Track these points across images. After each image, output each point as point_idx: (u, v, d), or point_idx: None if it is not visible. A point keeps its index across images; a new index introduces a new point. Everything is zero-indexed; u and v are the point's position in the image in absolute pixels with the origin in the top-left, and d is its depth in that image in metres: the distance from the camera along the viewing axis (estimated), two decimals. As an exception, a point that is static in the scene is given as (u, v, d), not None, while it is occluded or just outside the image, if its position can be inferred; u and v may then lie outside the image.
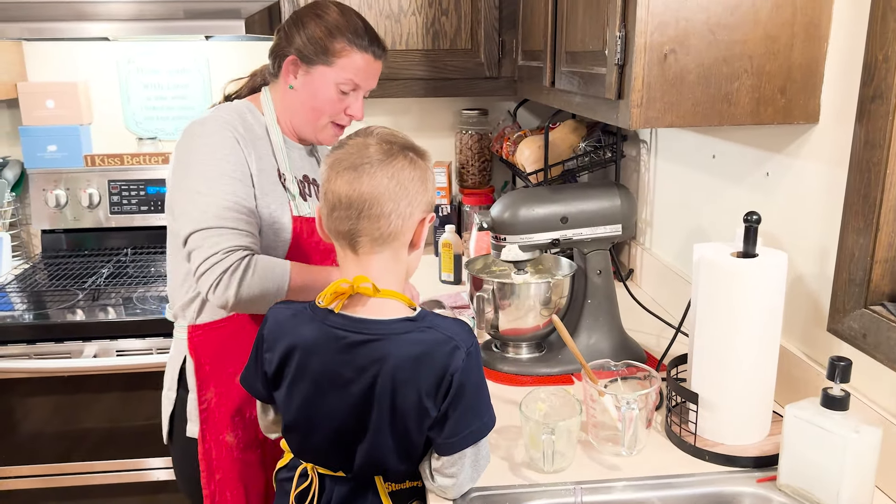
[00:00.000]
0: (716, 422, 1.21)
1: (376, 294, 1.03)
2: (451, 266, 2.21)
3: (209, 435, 1.46)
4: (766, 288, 1.16)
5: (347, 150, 1.04)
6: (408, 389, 1.01)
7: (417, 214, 1.05)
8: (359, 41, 1.43)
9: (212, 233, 1.29)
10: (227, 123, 1.38)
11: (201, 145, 1.35)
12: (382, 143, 1.04)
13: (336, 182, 1.02)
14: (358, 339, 1.03)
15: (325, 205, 1.04)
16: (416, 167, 1.04)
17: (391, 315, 1.05)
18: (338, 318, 1.05)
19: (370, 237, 1.02)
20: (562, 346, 1.54)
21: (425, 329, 1.04)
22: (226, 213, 1.31)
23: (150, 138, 2.54)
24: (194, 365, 1.45)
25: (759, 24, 1.16)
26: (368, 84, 1.50)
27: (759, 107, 1.20)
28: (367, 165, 1.01)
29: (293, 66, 1.45)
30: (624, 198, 1.52)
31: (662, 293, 1.92)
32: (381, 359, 1.02)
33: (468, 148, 2.56)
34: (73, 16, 2.04)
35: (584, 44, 1.42)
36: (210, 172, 1.32)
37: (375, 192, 1.00)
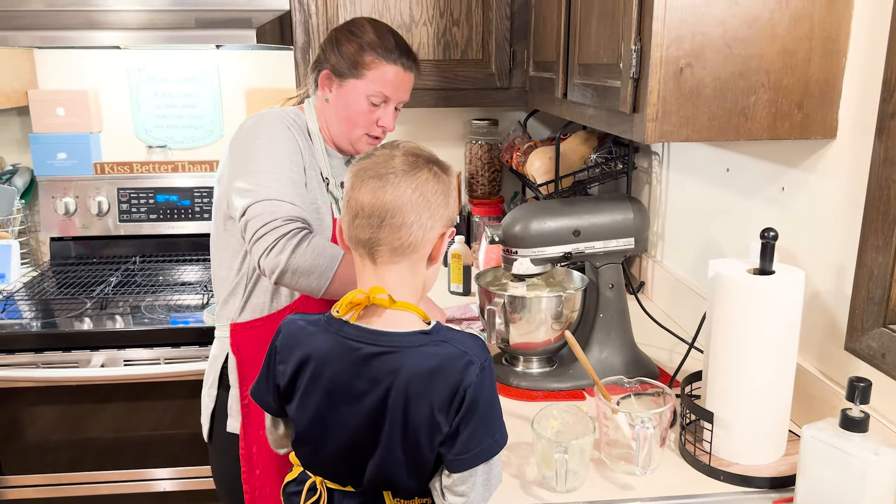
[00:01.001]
0: (731, 441, 1.19)
1: (392, 305, 1.03)
2: (460, 277, 2.19)
3: (250, 430, 1.52)
4: (783, 306, 1.14)
5: (373, 160, 1.05)
6: (420, 403, 1.00)
7: (438, 228, 1.04)
8: (387, 54, 1.50)
9: (272, 204, 1.34)
10: (287, 120, 1.48)
11: (261, 134, 1.43)
12: (408, 155, 1.05)
13: (360, 190, 1.02)
14: (372, 351, 1.02)
15: (348, 212, 1.05)
16: (439, 181, 1.04)
17: (406, 328, 1.04)
18: (352, 329, 1.04)
19: (390, 247, 1.02)
20: (573, 361, 1.53)
21: (440, 343, 1.03)
22: (286, 188, 1.37)
23: (160, 146, 2.54)
24: (236, 361, 1.52)
25: (776, 38, 1.15)
26: (399, 96, 1.54)
27: (776, 121, 1.19)
28: (392, 175, 1.01)
29: (328, 80, 1.53)
30: (637, 211, 1.51)
31: (674, 306, 1.91)
32: (395, 371, 1.01)
33: (478, 158, 2.55)
34: (84, 24, 2.04)
35: (597, 56, 1.41)
36: (271, 154, 1.40)
37: (398, 202, 1.00)
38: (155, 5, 2.04)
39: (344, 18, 2.11)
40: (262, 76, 2.53)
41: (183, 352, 1.98)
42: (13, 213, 2.42)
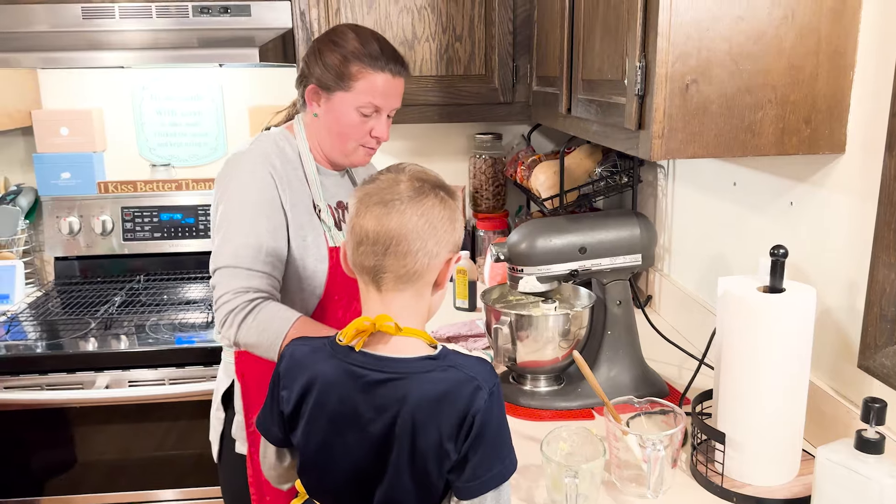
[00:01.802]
0: (743, 461, 1.18)
1: (398, 332, 1.01)
2: (465, 293, 2.18)
3: (258, 457, 1.46)
4: (794, 324, 1.12)
5: (378, 185, 1.03)
6: (429, 430, 0.99)
7: (444, 254, 1.02)
8: (374, 62, 1.43)
9: (228, 272, 1.34)
10: (265, 159, 1.42)
11: (236, 180, 1.40)
12: (414, 180, 1.02)
13: (364, 217, 1.00)
14: (378, 378, 1.01)
15: (352, 239, 1.03)
16: (445, 206, 1.02)
17: (412, 353, 1.03)
18: (358, 355, 1.03)
19: (395, 274, 1.00)
20: (582, 379, 1.51)
21: (447, 368, 1.01)
22: (245, 252, 1.34)
23: (164, 165, 2.53)
24: (241, 389, 1.49)
25: (782, 53, 1.14)
26: (389, 104, 1.48)
27: (784, 137, 1.17)
28: (398, 202, 0.99)
29: (314, 94, 1.47)
30: (643, 227, 1.49)
31: (683, 321, 1.89)
32: (402, 398, 0.99)
33: (482, 172, 2.55)
34: (88, 45, 2.04)
35: (601, 72, 1.40)
36: (239, 210, 1.37)
37: (404, 230, 0.98)
38: (158, 25, 2.05)
39: (346, 36, 2.10)
40: (266, 93, 2.53)
41: (187, 372, 1.97)
42: (17, 234, 2.42)
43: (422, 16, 2.12)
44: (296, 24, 2.08)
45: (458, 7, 2.13)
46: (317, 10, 2.07)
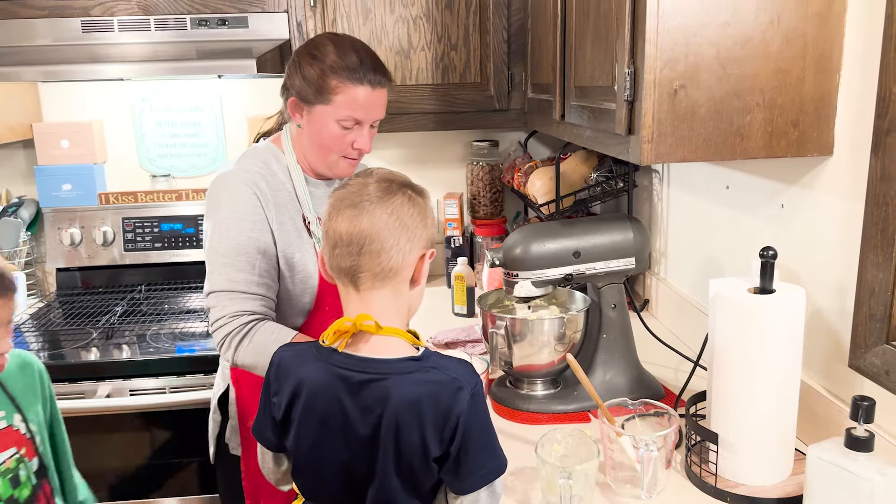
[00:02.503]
0: (737, 461, 1.19)
1: (379, 331, 1.03)
2: (463, 299, 2.19)
3: (252, 460, 1.51)
4: (784, 324, 1.14)
5: (348, 189, 1.06)
6: (411, 431, 1.01)
7: (417, 251, 1.06)
8: (352, 75, 1.40)
9: (223, 296, 1.37)
10: (249, 180, 1.42)
11: (223, 204, 1.41)
12: (382, 181, 1.06)
13: (337, 220, 1.04)
14: (362, 379, 1.03)
15: (327, 243, 1.06)
16: (414, 204, 1.06)
17: (395, 354, 1.05)
18: (342, 357, 1.05)
19: (371, 272, 1.03)
20: (577, 382, 1.52)
21: (429, 369, 1.03)
22: (238, 276, 1.37)
23: (164, 176, 2.56)
24: (235, 393, 1.52)
25: (769, 57, 1.16)
26: (371, 115, 1.46)
27: (772, 140, 1.19)
28: (367, 203, 1.03)
29: (296, 107, 1.47)
30: (637, 231, 1.51)
31: (679, 324, 1.90)
32: (385, 399, 1.01)
33: (479, 179, 2.56)
34: (88, 58, 2.07)
35: (592, 79, 1.42)
36: (228, 234, 1.38)
37: (375, 228, 1.02)
38: (157, 38, 2.07)
39: (343, 46, 2.13)
40: (264, 103, 2.55)
41: (188, 380, 1.98)
42: (19, 245, 2.44)
43: (417, 25, 2.15)
44: (293, 34, 2.10)
45: (454, 16, 2.16)
46: (313, 20, 2.10)
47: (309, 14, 2.09)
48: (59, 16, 2.05)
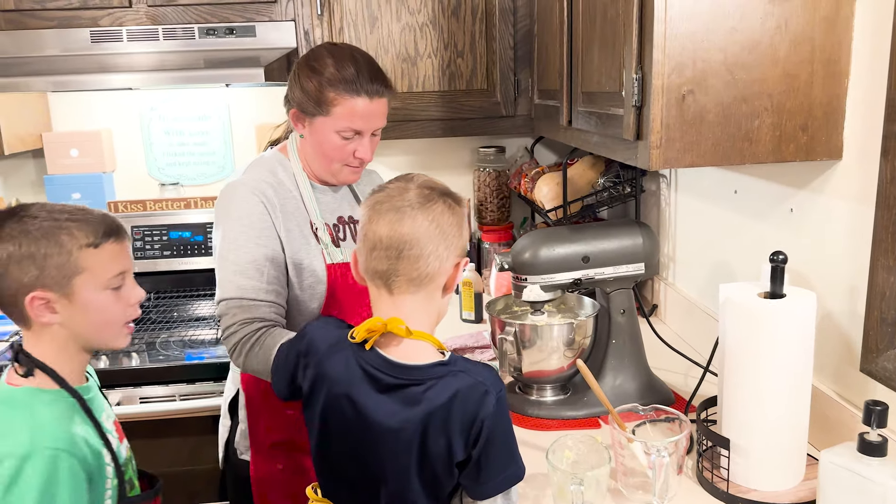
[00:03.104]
0: (748, 467, 1.18)
1: (409, 336, 1.04)
2: (471, 304, 2.19)
3: (261, 464, 1.54)
4: (795, 329, 1.13)
5: (388, 193, 1.07)
6: (438, 434, 1.02)
7: (453, 258, 1.07)
8: (350, 87, 1.41)
9: (233, 304, 1.39)
10: (256, 189, 1.43)
11: (231, 213, 1.42)
12: (423, 188, 1.07)
13: (378, 223, 1.04)
14: (392, 383, 1.04)
15: (365, 245, 1.06)
16: (454, 212, 1.07)
17: (424, 359, 1.06)
18: (371, 354, 1.06)
19: (407, 277, 1.04)
20: (588, 388, 1.51)
21: (457, 373, 1.05)
22: (247, 283, 1.39)
23: (173, 184, 2.57)
24: (245, 398, 1.54)
25: (777, 62, 1.16)
26: (370, 125, 1.46)
27: (781, 144, 1.19)
28: (409, 208, 1.03)
29: (297, 118, 1.48)
30: (646, 236, 1.51)
31: (688, 329, 1.90)
32: (416, 403, 1.03)
33: (486, 185, 2.57)
34: (97, 68, 2.08)
35: (600, 84, 1.42)
36: (236, 242, 1.40)
37: (416, 234, 1.02)
38: (165, 47, 2.08)
39: (350, 54, 2.14)
40: (272, 112, 2.56)
41: (198, 388, 1.99)
42: (29, 254, 2.45)
43: (424, 33, 2.16)
44: (300, 43, 2.11)
45: (460, 24, 2.17)
46: (320, 29, 2.11)
47: (316, 22, 2.10)
48: (69, 26, 2.07)
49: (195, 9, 2.08)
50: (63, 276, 1.06)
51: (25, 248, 1.04)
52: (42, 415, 1.05)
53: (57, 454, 1.01)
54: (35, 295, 1.05)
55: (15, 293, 1.05)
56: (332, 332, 1.12)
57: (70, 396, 1.10)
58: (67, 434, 1.05)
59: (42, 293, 1.05)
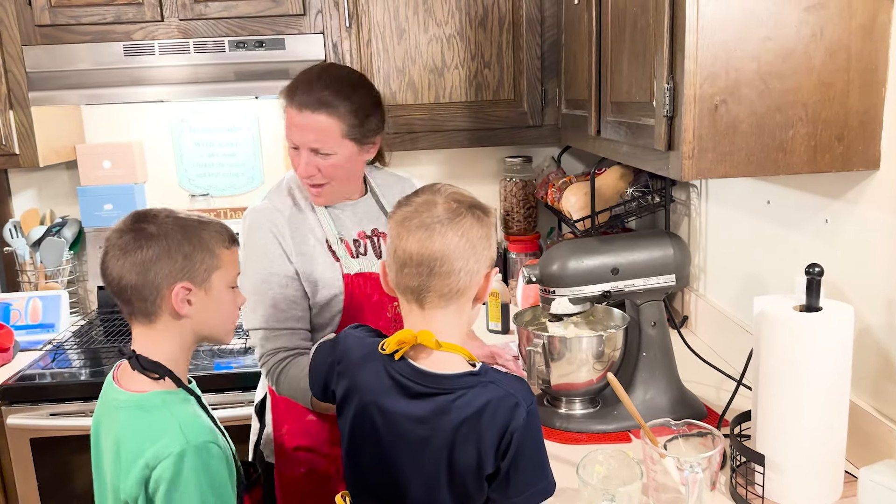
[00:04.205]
0: (784, 483, 1.16)
1: (438, 348, 1.04)
2: (498, 315, 2.18)
3: (285, 468, 1.56)
4: (832, 343, 1.11)
5: (415, 207, 1.05)
6: (468, 445, 1.02)
7: (483, 270, 1.06)
8: (287, 96, 1.42)
9: (260, 335, 1.48)
10: (267, 218, 1.48)
11: (245, 244, 1.49)
12: (450, 201, 1.06)
13: (407, 240, 1.03)
14: (421, 391, 1.04)
15: (395, 262, 1.05)
16: (483, 224, 1.06)
17: (454, 369, 1.05)
18: (402, 364, 1.05)
19: (438, 293, 1.03)
20: (617, 401, 1.50)
21: (487, 384, 1.04)
22: (268, 312, 1.46)
23: (203, 195, 2.60)
24: (271, 402, 1.57)
25: (812, 71, 1.14)
26: (301, 139, 1.41)
27: (816, 155, 1.17)
28: (438, 224, 1.02)
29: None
30: (677, 247, 1.49)
31: (720, 342, 1.87)
32: (443, 413, 1.02)
33: (512, 195, 2.56)
34: (129, 81, 2.12)
35: (630, 94, 1.41)
36: (251, 272, 1.46)
37: (446, 251, 1.01)
38: (196, 60, 2.11)
39: (377, 66, 2.15)
40: (299, 123, 2.58)
41: (226, 397, 2.00)
42: (62, 264, 2.49)
43: (451, 44, 2.16)
44: (328, 55, 2.13)
45: (487, 34, 2.17)
46: (349, 41, 2.12)
47: (344, 35, 2.12)
48: (103, 40, 2.11)
49: (226, 22, 2.10)
50: (205, 269, 1.15)
51: (174, 243, 1.13)
52: (182, 413, 1.12)
53: (207, 446, 1.08)
54: (183, 285, 1.13)
55: (159, 285, 1.12)
56: (366, 342, 1.13)
57: (189, 395, 1.17)
58: (208, 427, 1.12)
59: (188, 284, 1.13)
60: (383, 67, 2.16)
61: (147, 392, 1.13)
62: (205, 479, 1.06)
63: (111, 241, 1.15)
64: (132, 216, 1.17)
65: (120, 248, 1.13)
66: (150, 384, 1.14)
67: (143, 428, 1.09)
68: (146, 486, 1.05)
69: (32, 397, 1.99)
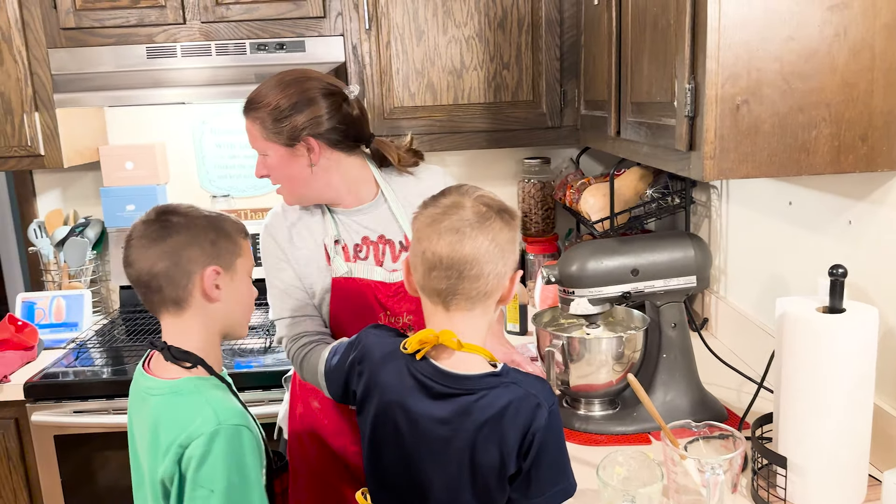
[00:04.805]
0: (806, 486, 1.15)
1: (460, 348, 1.04)
2: (516, 316, 2.18)
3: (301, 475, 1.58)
4: (856, 345, 1.10)
5: (444, 209, 1.05)
6: (490, 446, 1.02)
7: (509, 273, 1.06)
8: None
9: (282, 323, 1.54)
10: (271, 225, 1.56)
11: (260, 247, 1.58)
12: (479, 204, 1.05)
13: (437, 243, 1.02)
14: (444, 392, 1.04)
15: (422, 264, 1.04)
16: (511, 228, 1.06)
17: (476, 370, 1.06)
18: (425, 366, 1.06)
19: (466, 296, 1.03)
20: (637, 403, 1.49)
21: (509, 384, 1.04)
22: (285, 303, 1.52)
23: (224, 196, 2.62)
24: (289, 412, 1.62)
25: (835, 71, 1.13)
26: (252, 141, 1.50)
27: (840, 155, 1.16)
28: (468, 228, 1.02)
29: None
30: (697, 248, 1.48)
31: (740, 344, 1.85)
32: (467, 413, 1.03)
33: (531, 196, 2.56)
34: (151, 83, 2.15)
35: (650, 95, 1.40)
36: (268, 270, 1.56)
37: (477, 254, 1.01)
38: (217, 62, 2.13)
39: (397, 68, 2.16)
40: (319, 124, 2.60)
41: (247, 396, 2.00)
42: (86, 264, 2.53)
43: (470, 46, 2.16)
44: (348, 58, 2.14)
45: (506, 36, 2.17)
46: (368, 44, 2.14)
47: (364, 37, 2.13)
48: (126, 43, 2.14)
49: (247, 25, 2.12)
50: (230, 255, 1.20)
51: (201, 230, 1.17)
52: (215, 397, 1.14)
53: (239, 429, 1.10)
54: (214, 268, 1.16)
55: (191, 270, 1.15)
56: (387, 341, 1.13)
57: (221, 382, 1.20)
58: (241, 411, 1.14)
59: (217, 267, 1.17)
60: (402, 69, 2.17)
61: (179, 378, 1.16)
62: (233, 460, 1.08)
63: (137, 233, 1.17)
64: (155, 209, 1.20)
65: (148, 238, 1.15)
66: (183, 372, 1.16)
67: (179, 411, 1.12)
68: (179, 464, 1.08)
69: (56, 395, 2.01)
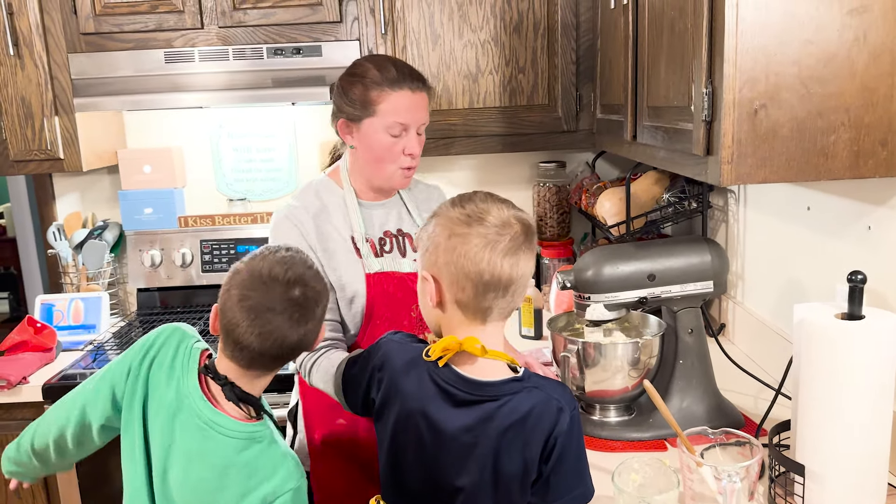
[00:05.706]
0: (824, 494, 1.13)
1: (484, 355, 1.05)
2: (531, 321, 2.18)
3: (320, 473, 1.57)
4: (875, 351, 1.09)
5: (496, 228, 1.04)
6: (514, 452, 1.02)
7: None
8: (392, 83, 1.48)
9: None
10: (291, 215, 1.54)
11: (273, 239, 1.55)
12: (524, 224, 1.07)
13: (500, 266, 1.02)
14: (467, 399, 1.05)
15: (471, 282, 1.03)
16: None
17: (498, 376, 1.06)
18: (448, 373, 1.06)
19: (503, 311, 1.07)
20: (653, 409, 1.48)
21: (531, 389, 1.05)
22: None
23: (240, 199, 2.64)
24: (303, 408, 1.59)
25: (855, 75, 1.12)
26: (415, 119, 1.51)
27: (859, 160, 1.15)
28: (522, 251, 1.05)
29: (346, 127, 1.54)
30: (715, 253, 1.47)
31: (757, 350, 1.84)
32: (489, 419, 1.03)
33: (546, 200, 2.55)
34: (169, 87, 2.17)
35: (667, 99, 1.40)
36: None
37: (527, 273, 1.07)
38: (234, 67, 2.15)
39: (413, 71, 2.17)
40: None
41: (262, 399, 2.02)
42: (104, 266, 2.55)
43: (485, 50, 2.17)
44: (364, 61, 2.15)
45: (521, 40, 2.17)
46: (384, 48, 2.14)
47: (380, 41, 2.14)
48: (144, 48, 2.16)
49: (264, 29, 2.14)
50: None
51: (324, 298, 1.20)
52: (286, 447, 1.18)
53: (304, 482, 1.15)
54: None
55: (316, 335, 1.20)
56: (407, 348, 1.13)
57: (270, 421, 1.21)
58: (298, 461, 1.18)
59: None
60: (418, 73, 2.17)
61: (254, 423, 1.16)
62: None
63: (280, 309, 1.14)
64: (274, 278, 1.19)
65: (292, 318, 1.13)
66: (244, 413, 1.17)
67: (259, 461, 1.13)
68: None
69: (74, 396, 2.03)
